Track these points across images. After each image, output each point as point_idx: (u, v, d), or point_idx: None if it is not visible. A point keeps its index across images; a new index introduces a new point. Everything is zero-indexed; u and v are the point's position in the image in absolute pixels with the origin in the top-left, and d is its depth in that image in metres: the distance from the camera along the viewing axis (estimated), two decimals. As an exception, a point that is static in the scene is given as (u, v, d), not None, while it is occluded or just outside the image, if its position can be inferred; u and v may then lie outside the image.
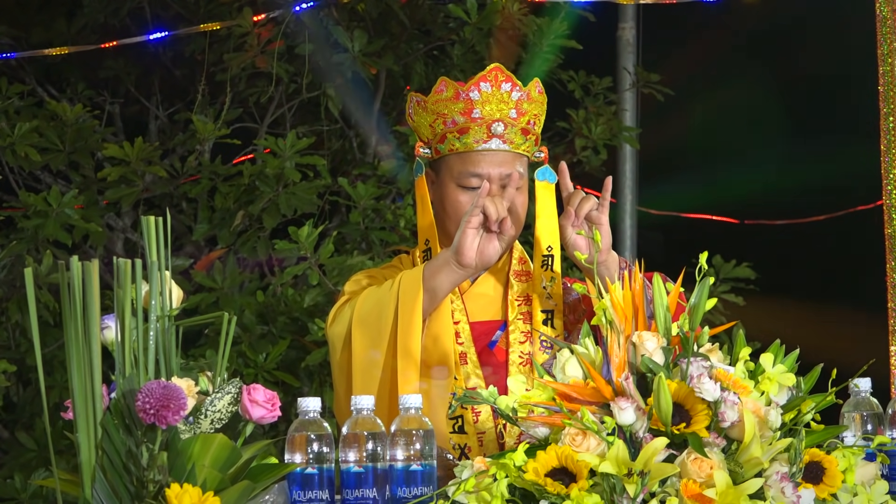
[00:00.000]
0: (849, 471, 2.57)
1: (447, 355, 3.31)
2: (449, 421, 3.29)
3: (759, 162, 6.80)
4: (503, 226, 3.28)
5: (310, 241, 5.38)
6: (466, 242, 3.24)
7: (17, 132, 5.57)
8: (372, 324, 3.26)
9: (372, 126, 6.10)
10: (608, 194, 3.28)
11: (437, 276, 3.27)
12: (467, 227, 3.24)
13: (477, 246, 3.26)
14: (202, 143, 5.82)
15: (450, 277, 3.27)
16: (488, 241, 3.27)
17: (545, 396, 2.56)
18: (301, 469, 2.53)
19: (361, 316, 3.27)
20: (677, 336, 2.56)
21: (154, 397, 2.36)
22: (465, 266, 3.25)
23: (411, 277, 3.27)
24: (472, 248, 3.25)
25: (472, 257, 3.25)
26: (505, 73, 3.38)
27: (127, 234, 6.00)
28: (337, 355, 3.31)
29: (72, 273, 2.42)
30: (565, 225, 3.27)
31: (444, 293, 3.30)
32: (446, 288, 3.29)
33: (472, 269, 3.27)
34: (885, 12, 4.27)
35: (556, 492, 2.41)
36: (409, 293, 3.25)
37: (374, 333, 3.25)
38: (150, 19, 6.17)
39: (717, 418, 2.47)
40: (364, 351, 3.25)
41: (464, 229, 3.24)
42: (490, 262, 3.29)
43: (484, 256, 3.27)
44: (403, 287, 3.26)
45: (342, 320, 3.30)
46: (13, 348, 5.53)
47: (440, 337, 3.31)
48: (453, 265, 3.25)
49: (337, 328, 3.31)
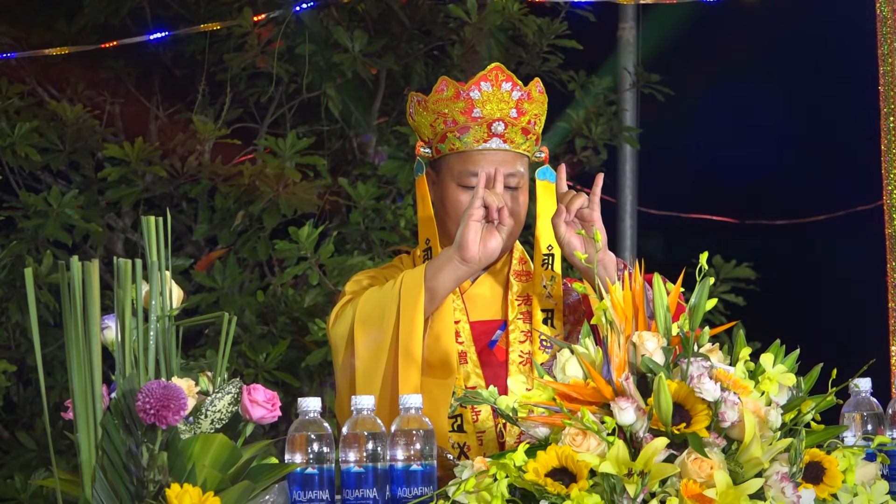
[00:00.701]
0: (849, 471, 2.58)
1: (449, 354, 3.31)
2: (448, 420, 3.29)
3: (759, 161, 6.80)
4: (502, 215, 3.28)
5: (310, 241, 5.39)
6: (470, 236, 3.24)
7: (17, 132, 5.58)
8: (374, 324, 3.26)
9: (371, 126, 6.10)
10: (599, 189, 3.28)
11: (440, 274, 3.26)
12: (469, 220, 3.24)
13: (479, 240, 3.26)
14: (202, 143, 5.82)
15: (453, 274, 3.27)
16: (490, 235, 3.27)
17: (545, 396, 2.56)
18: (301, 469, 2.53)
19: (363, 316, 3.27)
20: (677, 336, 2.57)
21: (154, 397, 2.36)
22: (468, 261, 3.25)
23: (413, 277, 3.27)
24: (476, 242, 3.24)
25: (476, 251, 3.24)
26: (505, 72, 3.38)
27: (127, 234, 6.00)
28: (339, 356, 3.30)
29: (72, 273, 2.42)
30: (558, 223, 3.27)
31: (447, 292, 3.29)
32: (449, 286, 3.29)
33: (476, 264, 3.27)
34: (885, 12, 4.28)
35: (557, 492, 2.42)
36: (411, 292, 3.24)
37: (376, 333, 3.25)
38: (150, 19, 6.17)
39: (717, 418, 2.47)
40: (366, 351, 3.25)
41: (466, 223, 3.24)
42: (493, 255, 3.29)
43: (487, 250, 3.26)
44: (405, 286, 3.25)
45: (344, 321, 3.30)
46: (13, 348, 5.54)
47: (442, 336, 3.31)
48: (457, 261, 3.25)
49: (339, 329, 3.30)
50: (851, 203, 6.62)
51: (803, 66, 6.62)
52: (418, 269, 3.29)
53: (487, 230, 3.27)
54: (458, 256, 3.25)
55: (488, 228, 3.27)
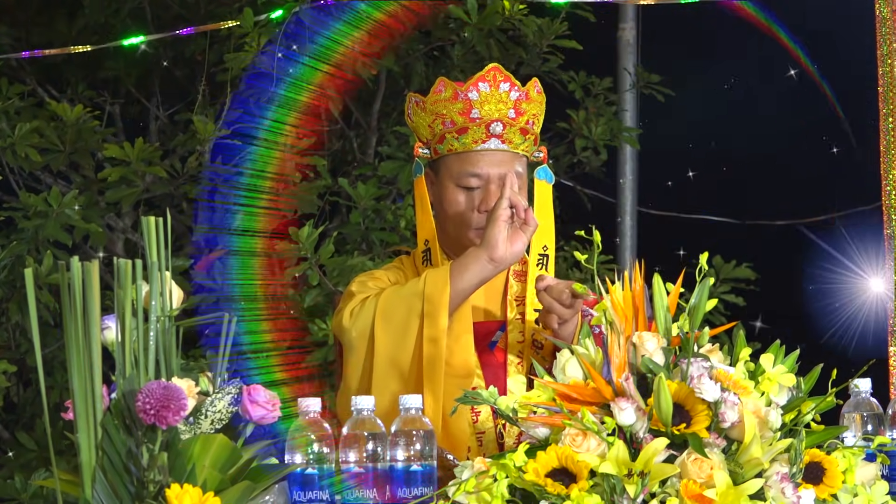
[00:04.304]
0: (849, 471, 2.58)
1: (468, 355, 3.31)
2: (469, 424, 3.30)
3: (759, 161, 6.80)
4: (528, 216, 3.28)
5: (310, 241, 5.39)
6: (501, 236, 3.24)
7: (17, 133, 5.58)
8: (397, 322, 3.25)
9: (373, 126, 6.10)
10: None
11: (466, 273, 3.26)
12: (499, 220, 3.25)
13: (506, 240, 3.27)
14: (202, 143, 5.82)
15: (480, 274, 3.27)
16: (516, 235, 3.27)
17: (545, 397, 2.57)
18: (301, 469, 2.54)
19: (386, 314, 3.26)
20: (677, 337, 2.57)
21: (154, 398, 2.36)
22: (496, 261, 3.25)
23: (438, 275, 3.27)
24: (504, 242, 3.25)
25: (504, 251, 3.25)
26: (503, 73, 3.38)
27: (127, 235, 6.00)
28: (354, 354, 3.29)
29: (72, 273, 2.42)
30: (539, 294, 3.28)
31: (471, 291, 3.29)
32: (474, 286, 3.29)
33: (502, 264, 3.27)
34: (884, 13, 4.27)
35: (557, 492, 2.42)
36: (437, 290, 3.24)
37: (400, 332, 3.25)
38: (150, 19, 6.18)
39: (717, 419, 2.47)
40: (387, 349, 3.25)
41: (495, 223, 3.25)
42: (518, 255, 3.29)
43: (514, 250, 3.26)
44: (430, 285, 3.25)
45: (363, 318, 3.28)
46: (13, 348, 5.54)
47: (461, 337, 3.31)
48: (485, 260, 3.25)
49: (358, 326, 3.28)
50: (852, 203, 6.62)
51: (802, 65, 6.62)
52: (443, 268, 3.29)
53: (513, 231, 3.27)
54: (486, 256, 3.25)
55: (513, 229, 3.27)
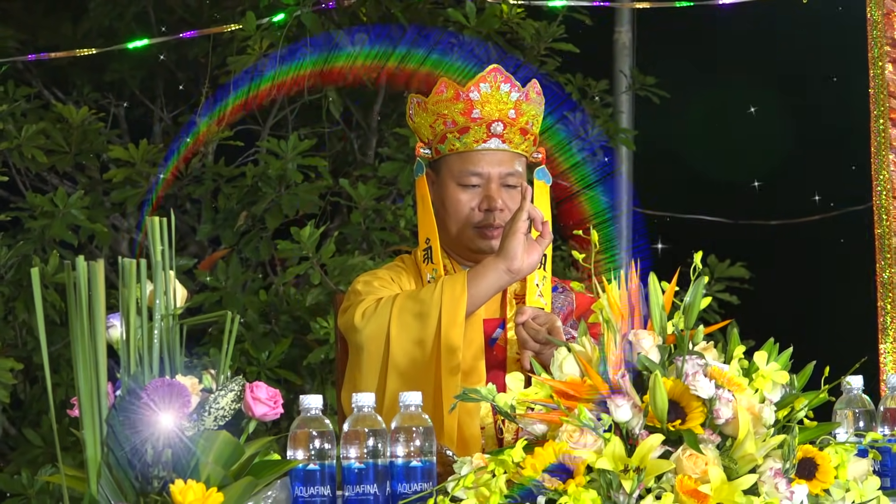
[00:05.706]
0: (841, 467, 2.57)
1: (479, 360, 3.33)
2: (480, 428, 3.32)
3: (752, 163, 6.82)
4: (545, 229, 3.31)
5: (311, 241, 5.40)
6: (519, 248, 3.25)
7: (24, 134, 5.59)
8: (413, 327, 3.26)
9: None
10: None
11: (483, 281, 3.27)
12: (518, 232, 3.25)
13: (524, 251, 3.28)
14: (206, 145, 5.85)
15: (496, 284, 3.28)
16: (532, 247, 3.29)
17: (543, 394, 2.58)
18: (303, 465, 2.54)
19: (402, 320, 3.26)
20: (673, 334, 2.58)
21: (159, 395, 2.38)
22: (514, 272, 3.26)
23: (456, 282, 3.27)
24: (522, 253, 3.26)
25: (522, 262, 3.26)
26: (504, 73, 3.40)
27: (132, 235, 6.03)
28: (366, 355, 3.29)
29: (78, 273, 2.41)
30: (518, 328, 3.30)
31: (485, 300, 3.31)
32: (490, 294, 3.30)
33: (519, 275, 3.29)
34: (875, 16, 4.29)
35: (554, 487, 2.44)
36: (454, 297, 3.25)
37: (417, 336, 3.25)
38: (154, 23, 6.20)
39: (711, 415, 2.47)
40: (404, 356, 3.26)
41: (514, 234, 3.25)
42: (534, 267, 3.30)
43: (530, 261, 3.28)
44: (448, 292, 3.25)
45: (377, 322, 3.27)
46: (20, 346, 5.55)
47: (474, 342, 3.33)
48: (502, 271, 3.26)
49: (370, 328, 3.28)
50: (844, 204, 6.64)
51: (796, 68, 6.64)
52: (459, 276, 3.29)
53: (529, 242, 3.28)
54: (504, 266, 3.25)
55: (529, 240, 3.28)
